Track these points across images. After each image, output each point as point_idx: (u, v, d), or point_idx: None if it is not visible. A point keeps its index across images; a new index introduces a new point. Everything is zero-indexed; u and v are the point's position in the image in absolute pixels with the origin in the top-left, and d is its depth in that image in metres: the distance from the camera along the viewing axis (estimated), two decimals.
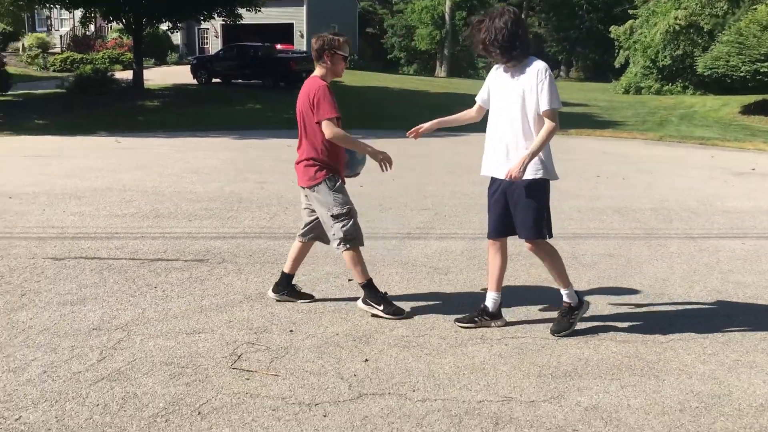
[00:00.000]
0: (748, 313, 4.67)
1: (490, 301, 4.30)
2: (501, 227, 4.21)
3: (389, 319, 4.31)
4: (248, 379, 3.48)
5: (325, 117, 4.19)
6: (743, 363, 3.84)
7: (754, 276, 5.52)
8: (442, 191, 8.89)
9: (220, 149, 13.18)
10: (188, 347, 3.84)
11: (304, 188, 4.41)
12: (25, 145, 13.63)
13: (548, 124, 3.93)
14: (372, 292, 4.39)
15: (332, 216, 4.30)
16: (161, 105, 22.90)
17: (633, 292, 5.04)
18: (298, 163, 4.41)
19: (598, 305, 4.68)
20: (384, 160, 4.38)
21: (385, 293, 4.47)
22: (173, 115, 20.54)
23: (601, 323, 4.37)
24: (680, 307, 4.76)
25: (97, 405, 3.17)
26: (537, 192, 4.02)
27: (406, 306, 4.54)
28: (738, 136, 18.27)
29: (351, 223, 4.32)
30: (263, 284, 4.92)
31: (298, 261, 4.64)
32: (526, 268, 5.59)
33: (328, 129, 4.19)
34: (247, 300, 4.64)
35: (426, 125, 4.42)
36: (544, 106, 3.92)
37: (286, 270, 4.62)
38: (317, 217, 4.45)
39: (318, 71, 4.34)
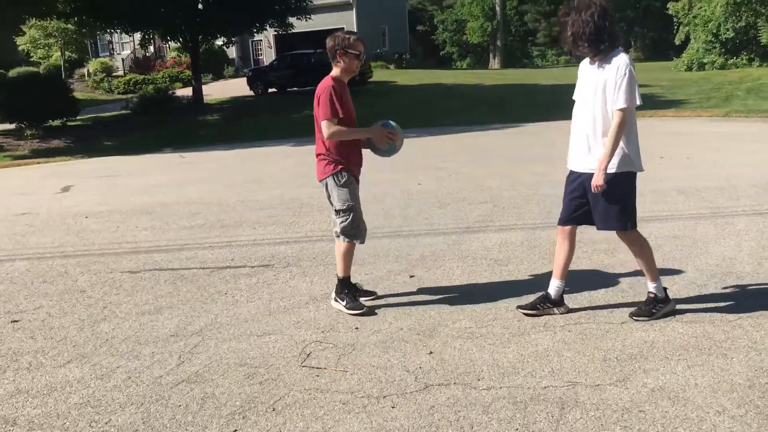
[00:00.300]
0: None
1: (554, 288, 4.33)
2: (574, 216, 4.22)
3: (350, 312, 4.45)
4: (318, 376, 3.62)
5: (323, 118, 4.33)
6: None
7: None
8: (500, 183, 8.89)
9: (279, 157, 13.49)
10: (260, 348, 4.01)
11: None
12: (96, 167, 14.26)
13: (616, 121, 3.87)
14: (342, 288, 4.56)
15: (335, 210, 4.51)
16: (221, 118, 23.54)
17: (699, 271, 4.97)
18: (317, 159, 4.57)
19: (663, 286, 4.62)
20: (386, 137, 4.47)
21: (356, 293, 4.60)
22: (233, 127, 21.10)
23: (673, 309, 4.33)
24: (749, 285, 4.68)
25: (179, 406, 3.36)
26: (618, 186, 3.98)
27: (469, 298, 4.62)
28: None
29: (350, 220, 4.46)
30: (327, 285, 5.07)
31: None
32: (588, 254, 5.57)
33: (326, 129, 4.33)
34: (313, 301, 4.79)
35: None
36: (618, 104, 3.88)
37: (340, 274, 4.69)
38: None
39: (334, 71, 4.47)
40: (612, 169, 3.94)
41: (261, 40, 41.24)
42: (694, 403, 3.14)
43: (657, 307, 4.13)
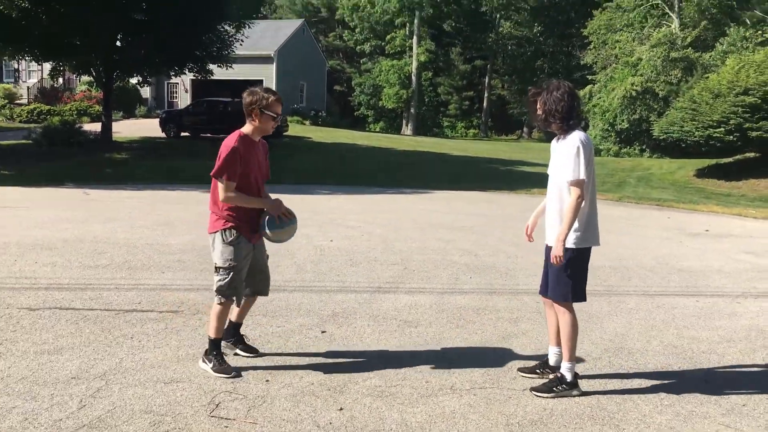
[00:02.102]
0: (701, 367, 4.93)
1: (553, 355, 4.50)
2: (547, 286, 4.41)
3: (216, 375, 4.25)
4: (227, 427, 3.59)
5: (217, 174, 4.21)
6: (697, 414, 4.07)
7: (707, 332, 5.80)
8: (410, 246, 9.12)
9: (191, 202, 13.28)
10: (167, 396, 3.94)
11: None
12: None
13: (572, 196, 4.11)
14: (213, 348, 4.36)
15: (214, 267, 4.36)
16: (130, 158, 22.96)
17: (594, 345, 5.27)
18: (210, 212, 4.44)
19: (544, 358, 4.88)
20: (280, 212, 4.34)
21: (220, 353, 4.41)
22: (142, 167, 20.61)
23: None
24: (639, 361, 5.00)
25: None
26: (567, 259, 4.17)
27: (379, 357, 4.71)
28: (693, 198, 18.98)
29: (228, 279, 4.29)
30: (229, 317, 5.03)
31: (243, 311, 4.70)
32: (493, 322, 5.80)
33: (222, 191, 4.21)
34: (223, 351, 4.74)
35: (530, 224, 4.65)
36: (567, 176, 4.12)
37: (233, 318, 4.65)
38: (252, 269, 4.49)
39: (246, 127, 4.35)
40: (568, 244, 4.16)
41: (177, 83, 40.81)
42: None
43: (560, 387, 4.21)
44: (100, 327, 5.13)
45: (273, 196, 4.53)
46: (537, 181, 20.94)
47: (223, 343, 4.56)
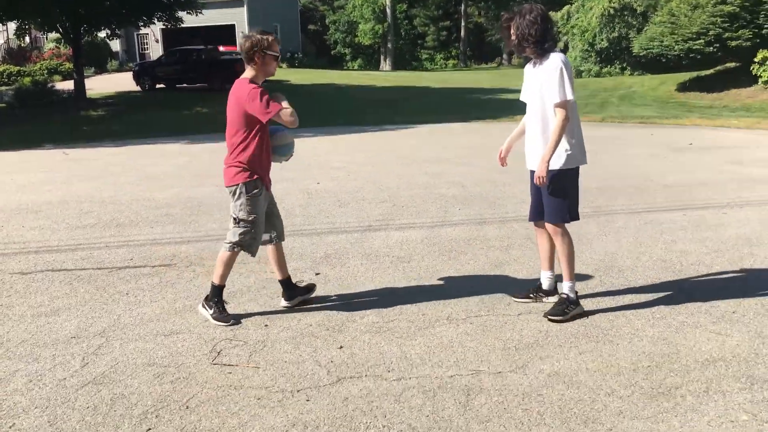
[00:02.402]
0: (691, 279, 5.03)
1: (545, 279, 4.57)
2: (536, 212, 4.45)
3: (216, 323, 4.29)
4: (230, 373, 3.65)
5: (272, 110, 4.10)
6: (688, 324, 4.17)
7: (695, 244, 5.89)
8: (397, 183, 9.12)
9: (172, 155, 13.15)
10: (168, 348, 3.98)
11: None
12: None
13: (558, 116, 4.11)
14: (215, 295, 4.38)
15: (235, 219, 4.34)
16: (106, 114, 22.58)
17: (585, 265, 5.34)
18: (225, 164, 4.39)
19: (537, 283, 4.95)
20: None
21: (224, 303, 4.43)
22: (120, 123, 20.29)
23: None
24: (629, 277, 5.09)
25: (87, 407, 3.30)
26: (558, 181, 4.21)
27: (374, 294, 4.77)
28: (676, 113, 18.99)
29: (251, 232, 4.33)
30: (233, 284, 5.06)
31: (281, 262, 4.65)
32: (484, 251, 5.85)
33: (285, 116, 4.11)
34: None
35: (504, 149, 4.63)
36: (553, 98, 4.11)
37: (280, 277, 4.65)
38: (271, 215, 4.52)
39: (248, 72, 4.28)
40: (557, 165, 4.18)
41: (147, 34, 39.84)
42: (586, 385, 3.42)
43: (569, 308, 4.29)
44: (95, 286, 5.14)
45: None
46: (519, 108, 20.69)
47: (287, 303, 4.56)
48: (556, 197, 4.25)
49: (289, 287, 4.65)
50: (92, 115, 22.37)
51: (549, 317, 4.27)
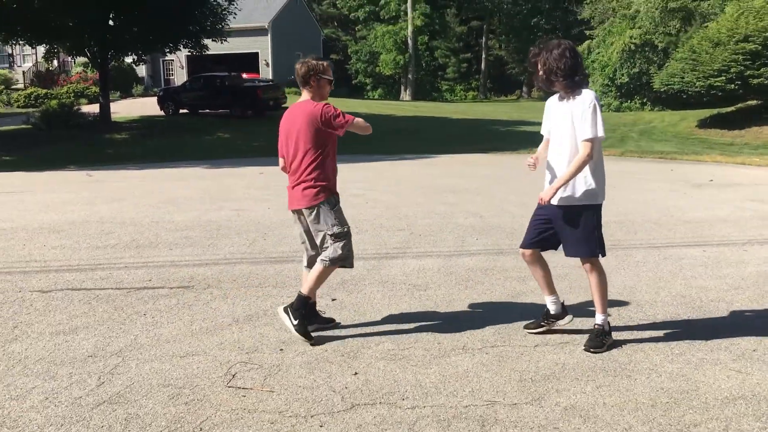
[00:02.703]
0: (710, 315, 4.97)
1: (551, 304, 4.55)
2: (535, 241, 4.44)
3: (296, 335, 4.34)
4: (244, 396, 3.65)
5: (346, 121, 4.45)
6: (708, 361, 4.11)
7: (714, 281, 5.83)
8: (415, 212, 9.13)
9: (193, 179, 13.29)
10: (183, 369, 3.99)
11: (302, 210, 4.47)
12: None
13: (582, 151, 4.12)
14: (301, 305, 4.40)
15: (331, 235, 4.43)
16: (130, 137, 22.91)
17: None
18: (294, 186, 4.49)
19: (571, 312, 4.91)
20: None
21: (305, 319, 4.43)
22: (143, 147, 20.58)
23: (575, 329, 4.61)
24: (648, 312, 5.04)
25: (102, 427, 3.31)
26: (586, 217, 4.22)
27: (390, 321, 4.76)
28: (695, 149, 18.90)
29: (348, 244, 4.46)
30: (249, 307, 5.09)
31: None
32: (501, 282, 5.83)
33: (358, 126, 4.55)
34: (236, 323, 4.80)
35: (537, 155, 4.55)
36: (584, 134, 4.11)
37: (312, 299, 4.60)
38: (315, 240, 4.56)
39: (305, 95, 4.49)
40: (580, 201, 4.19)
41: (173, 60, 40.52)
42: (603, 420, 3.38)
43: (606, 339, 4.29)
44: (113, 305, 5.18)
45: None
46: (538, 140, 20.80)
47: (314, 328, 4.54)
48: (587, 231, 4.24)
49: (311, 312, 4.63)
50: (116, 138, 22.71)
51: (590, 350, 4.22)
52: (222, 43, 26.67)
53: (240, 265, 6.35)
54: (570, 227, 4.26)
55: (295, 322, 4.39)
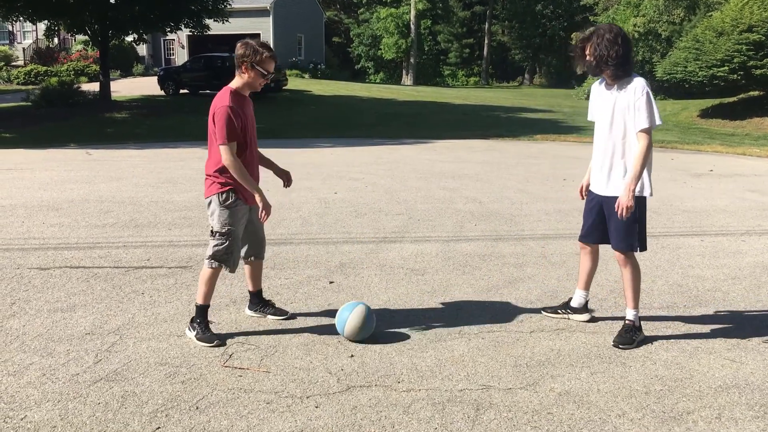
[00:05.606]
0: (706, 304, 4.99)
1: (578, 297, 4.58)
2: (592, 234, 4.43)
3: (201, 344, 4.06)
4: (241, 376, 3.67)
5: (220, 142, 3.95)
6: (703, 349, 4.13)
7: (711, 270, 5.85)
8: (414, 196, 9.13)
9: (193, 159, 13.26)
10: (180, 348, 4.01)
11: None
12: None
13: (642, 143, 3.99)
14: (198, 316, 4.16)
15: (210, 232, 4.18)
16: (130, 117, 22.83)
17: (600, 287, 5.32)
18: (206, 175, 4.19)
19: (567, 299, 4.93)
20: (263, 209, 4.17)
21: (209, 322, 4.22)
22: (143, 126, 20.53)
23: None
24: (644, 300, 5.03)
25: (99, 403, 3.33)
26: (637, 209, 4.10)
27: (387, 305, 4.77)
28: (696, 139, 18.86)
29: (226, 245, 4.11)
30: (247, 288, 5.09)
31: (256, 277, 4.56)
32: (498, 267, 5.84)
33: (225, 154, 3.97)
34: (233, 303, 4.81)
35: (585, 183, 4.54)
36: (640, 124, 3.99)
37: (250, 288, 4.57)
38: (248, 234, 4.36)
39: (235, 81, 4.09)
40: (639, 192, 4.08)
41: (173, 40, 40.30)
42: (597, 406, 3.40)
43: (636, 335, 4.22)
44: (111, 284, 5.20)
45: (272, 158, 4.57)
46: (539, 127, 20.80)
47: (251, 312, 4.55)
48: (630, 224, 4.14)
49: (259, 301, 4.56)
50: (116, 117, 22.63)
51: (619, 346, 4.14)
52: (223, 23, 26.49)
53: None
54: (618, 219, 4.12)
55: (194, 333, 4.12)
